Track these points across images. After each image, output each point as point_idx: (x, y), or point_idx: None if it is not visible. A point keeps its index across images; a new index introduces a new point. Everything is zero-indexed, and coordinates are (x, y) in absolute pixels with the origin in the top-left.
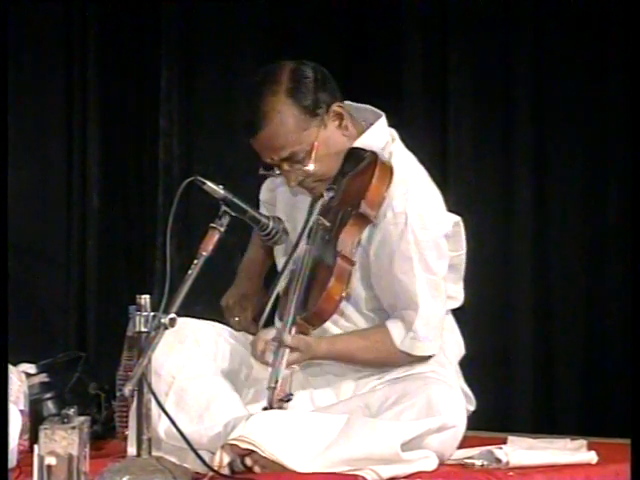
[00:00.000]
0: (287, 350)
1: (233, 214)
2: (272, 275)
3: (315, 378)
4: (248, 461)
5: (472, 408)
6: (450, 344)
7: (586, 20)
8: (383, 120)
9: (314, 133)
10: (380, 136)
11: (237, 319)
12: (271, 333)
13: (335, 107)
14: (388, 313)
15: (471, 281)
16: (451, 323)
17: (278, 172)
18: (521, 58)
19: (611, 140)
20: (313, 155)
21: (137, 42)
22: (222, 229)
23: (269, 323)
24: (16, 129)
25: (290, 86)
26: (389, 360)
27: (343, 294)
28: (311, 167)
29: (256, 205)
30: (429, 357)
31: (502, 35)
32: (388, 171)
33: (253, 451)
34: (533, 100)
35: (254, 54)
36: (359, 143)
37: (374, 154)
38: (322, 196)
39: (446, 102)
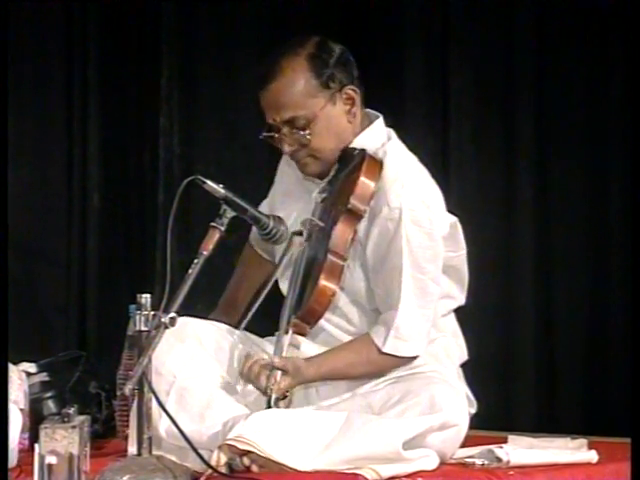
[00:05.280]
0: (279, 373)
1: (234, 213)
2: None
3: None
4: (246, 460)
5: (473, 411)
6: (453, 347)
7: (588, 19)
8: (380, 121)
9: (320, 104)
10: (377, 136)
11: None
12: (258, 356)
13: (349, 89)
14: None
15: (472, 280)
16: (454, 327)
17: (276, 136)
18: (522, 57)
19: (612, 138)
20: (314, 125)
21: (137, 42)
22: (223, 228)
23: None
24: (16, 129)
25: (313, 52)
26: (378, 369)
27: (335, 290)
28: (307, 135)
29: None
30: (414, 358)
31: (503, 34)
32: (377, 166)
33: (251, 451)
34: (534, 99)
35: (254, 53)
36: (355, 143)
37: (363, 151)
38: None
39: (447, 101)
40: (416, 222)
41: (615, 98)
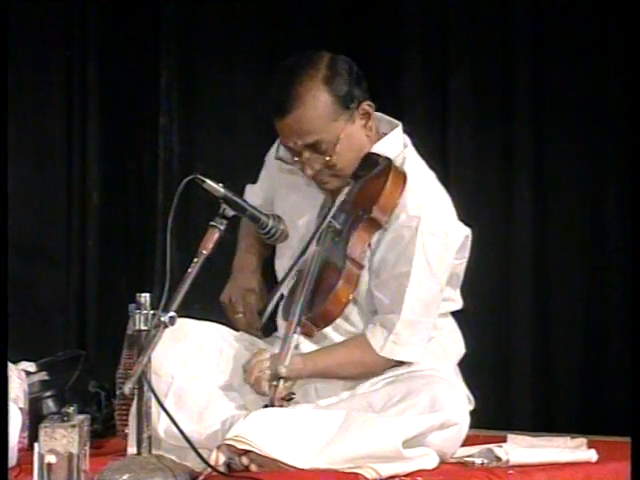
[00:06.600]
0: (281, 380)
1: (233, 212)
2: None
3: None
4: (244, 460)
5: (471, 407)
6: (449, 343)
7: (586, 21)
8: (399, 129)
9: (342, 125)
10: (396, 144)
11: (240, 315)
12: (265, 356)
13: (365, 105)
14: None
15: (472, 280)
16: (451, 324)
17: (295, 159)
18: (520, 57)
19: (611, 140)
20: (337, 147)
21: (137, 41)
22: (222, 227)
23: (270, 323)
24: (16, 129)
25: (328, 73)
26: (369, 371)
27: (350, 297)
28: (333, 159)
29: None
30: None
31: (502, 34)
32: (402, 178)
33: (250, 450)
34: (533, 100)
35: (253, 53)
36: (375, 149)
37: (388, 160)
38: (333, 195)
39: (446, 102)
40: (433, 233)
41: (614, 98)
